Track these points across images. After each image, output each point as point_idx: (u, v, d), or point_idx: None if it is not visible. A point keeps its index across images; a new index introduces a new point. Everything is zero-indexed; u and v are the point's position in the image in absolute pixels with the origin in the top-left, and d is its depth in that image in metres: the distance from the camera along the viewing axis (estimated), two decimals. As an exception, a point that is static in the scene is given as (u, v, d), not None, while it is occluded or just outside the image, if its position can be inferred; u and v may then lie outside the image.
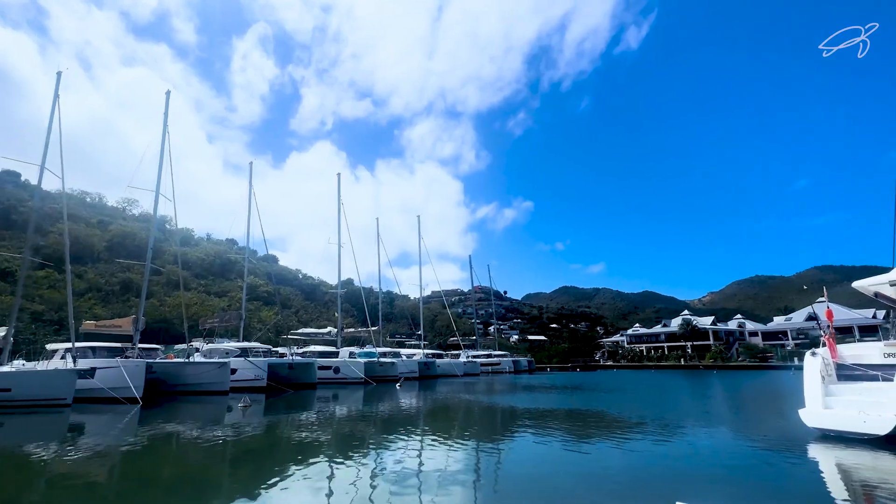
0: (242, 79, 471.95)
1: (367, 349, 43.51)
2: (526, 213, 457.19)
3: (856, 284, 10.78)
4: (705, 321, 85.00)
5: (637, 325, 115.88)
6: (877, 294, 11.39)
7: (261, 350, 30.56)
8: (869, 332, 67.85)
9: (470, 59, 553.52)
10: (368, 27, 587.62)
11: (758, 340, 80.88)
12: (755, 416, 16.54)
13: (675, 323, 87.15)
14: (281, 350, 38.44)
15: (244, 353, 28.62)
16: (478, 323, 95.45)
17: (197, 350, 30.41)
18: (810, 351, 11.32)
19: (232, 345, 29.85)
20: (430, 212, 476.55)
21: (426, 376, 46.11)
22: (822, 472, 7.49)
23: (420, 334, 55.46)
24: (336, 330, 43.67)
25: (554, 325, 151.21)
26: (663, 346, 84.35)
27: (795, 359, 61.05)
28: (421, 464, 8.76)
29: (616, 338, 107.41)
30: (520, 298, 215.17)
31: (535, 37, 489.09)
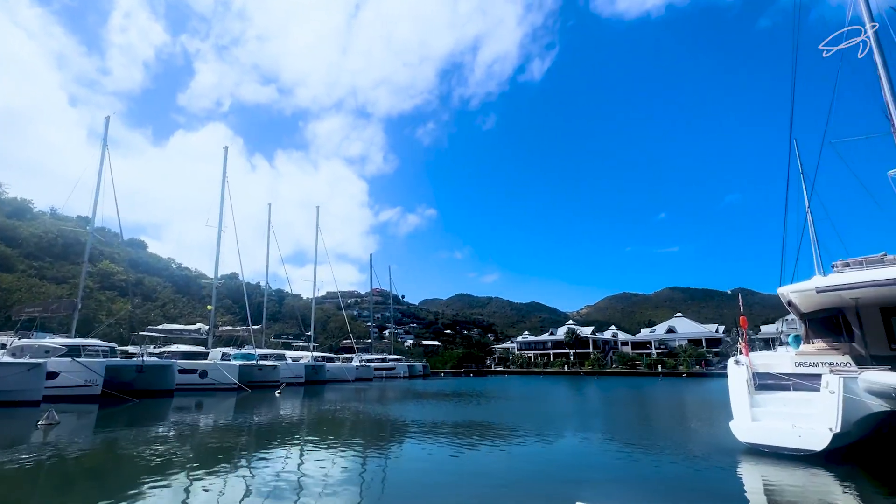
0: (122, 39, 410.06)
1: (246, 350, 38.05)
2: (429, 220, 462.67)
3: (780, 290, 10.60)
4: (586, 331, 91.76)
5: (526, 332, 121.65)
6: (789, 303, 11.40)
7: (100, 349, 24.30)
8: (714, 344, 78.49)
9: (384, 61, 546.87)
10: (278, 10, 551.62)
11: (628, 349, 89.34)
12: (662, 424, 16.49)
13: (561, 332, 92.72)
14: (132, 349, 31.62)
15: (73, 351, 22.37)
16: (373, 326, 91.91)
17: (2, 347, 23.24)
18: (733, 359, 10.90)
19: (56, 341, 23.23)
20: (333, 210, 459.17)
21: (314, 381, 41.88)
22: (724, 472, 7.03)
23: (310, 335, 50.71)
24: (207, 327, 37.47)
25: (448, 331, 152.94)
26: (549, 353, 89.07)
27: (659, 366, 68.17)
28: (298, 476, 7.87)
29: (507, 344, 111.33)
30: (417, 303, 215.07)
31: (448, 52, 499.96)
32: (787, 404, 9.27)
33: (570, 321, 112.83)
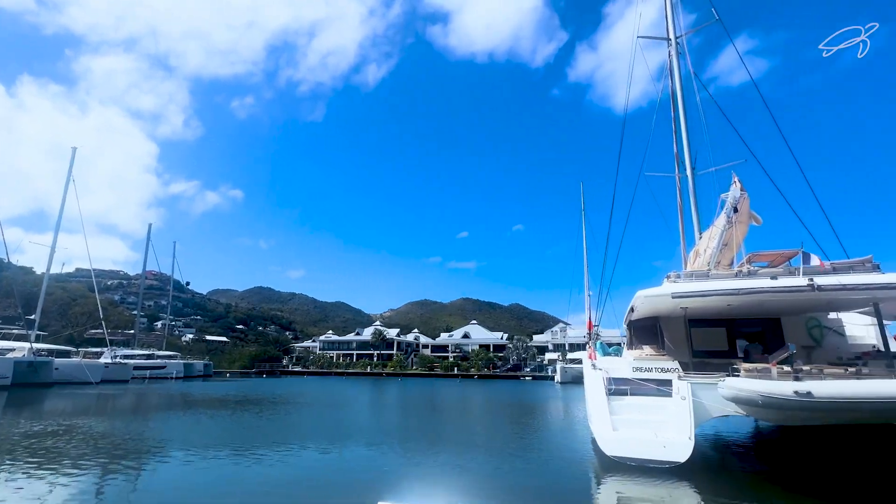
0: None
1: None
2: (233, 202, 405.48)
3: (638, 294, 10.52)
4: (392, 333, 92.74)
5: (330, 332, 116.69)
6: (633, 308, 11.61)
7: None
8: (500, 349, 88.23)
9: (201, 11, 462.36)
10: None
11: (428, 352, 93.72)
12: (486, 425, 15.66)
13: (368, 332, 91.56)
14: None
15: None
16: (142, 315, 73.98)
17: None
18: (590, 363, 10.34)
19: None
20: (102, 167, 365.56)
21: (30, 384, 30.02)
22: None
23: (33, 320, 36.74)
24: None
25: (241, 327, 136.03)
26: (353, 354, 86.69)
27: (455, 368, 72.87)
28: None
29: (308, 343, 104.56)
30: (205, 293, 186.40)
31: (282, 27, 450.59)
32: (642, 411, 8.91)
33: (377, 322, 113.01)
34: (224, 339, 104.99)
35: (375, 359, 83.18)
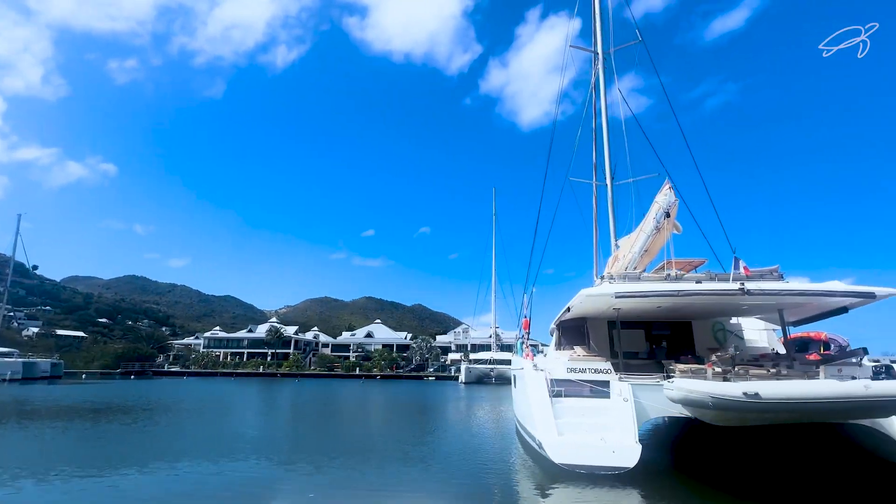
0: None
1: None
2: (103, 176, 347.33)
3: (582, 292, 10.21)
4: (290, 331, 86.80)
5: (216, 328, 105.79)
6: (569, 308, 11.39)
7: None
8: (403, 349, 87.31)
9: None
10: None
11: (328, 351, 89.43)
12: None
13: (262, 329, 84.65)
14: None
15: None
16: (-35, 302, 59.66)
17: None
18: (531, 364, 9.78)
19: None
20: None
21: None
22: None
23: None
24: None
25: (105, 320, 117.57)
26: (244, 353, 79.39)
27: (357, 368, 70.25)
28: None
29: (190, 340, 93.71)
30: (59, 280, 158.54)
31: None
32: (585, 414, 8.55)
33: (273, 319, 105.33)
34: (80, 333, 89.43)
35: (270, 358, 77.04)
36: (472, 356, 61.92)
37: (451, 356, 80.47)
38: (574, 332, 13.32)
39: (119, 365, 64.76)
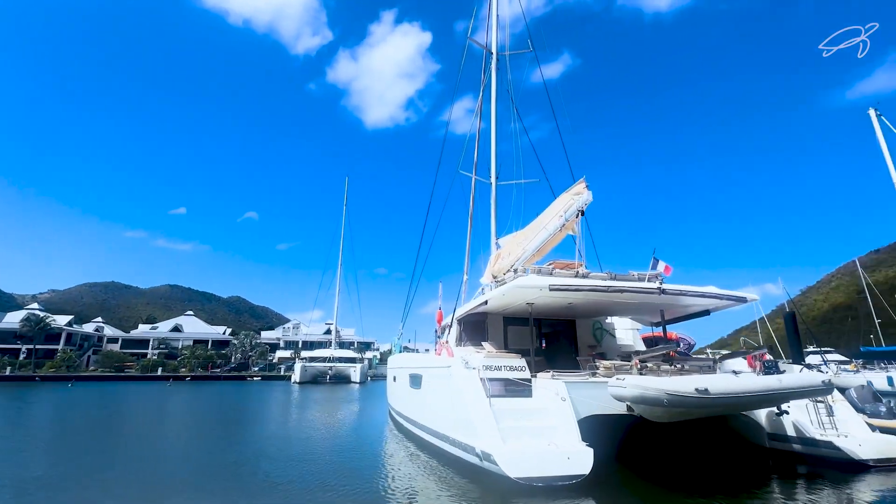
0: None
1: None
2: None
3: (516, 282, 9.31)
4: (61, 321, 67.41)
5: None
6: (486, 301, 10.52)
7: None
8: (221, 346, 76.69)
9: None
10: None
11: (117, 347, 72.58)
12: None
13: (15, 318, 63.84)
14: None
15: None
16: None
17: None
18: (461, 361, 8.49)
19: None
20: None
21: None
22: None
23: None
24: None
25: None
26: (-20, 349, 58.51)
27: (160, 369, 58.25)
28: None
29: None
30: None
31: None
32: (525, 417, 7.68)
33: (34, 306, 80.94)
34: None
35: (25, 356, 58.51)
36: (306, 354, 57.41)
37: (280, 354, 73.72)
38: (476, 327, 12.62)
39: None
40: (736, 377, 7.47)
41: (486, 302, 10.38)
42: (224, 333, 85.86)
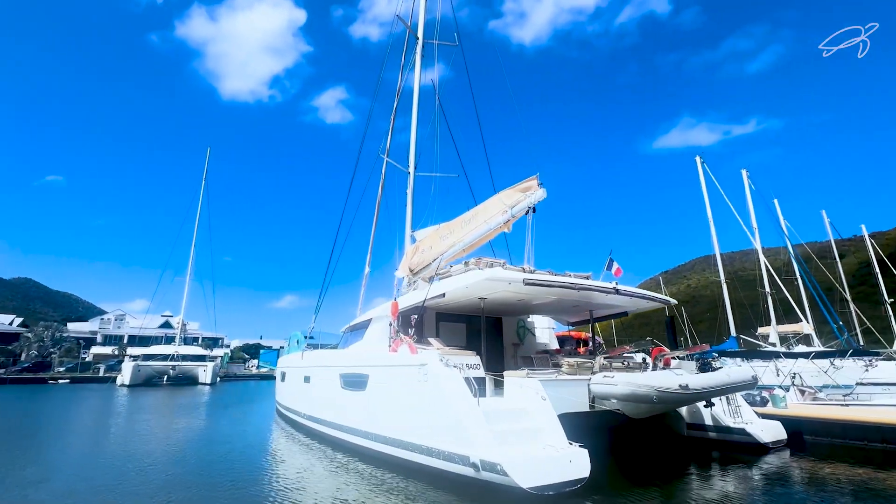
0: None
1: None
2: None
3: (485, 274, 8.53)
4: None
5: None
6: (443, 294, 9.64)
7: None
8: (8, 339, 60.19)
9: None
10: None
11: None
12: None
13: None
14: None
15: None
16: None
17: None
18: (437, 357, 7.48)
19: None
20: None
21: None
22: None
23: None
24: None
25: None
26: None
27: None
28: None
29: None
30: None
31: None
32: (510, 419, 7.08)
33: None
34: None
35: None
36: (136, 351, 47.98)
37: (98, 350, 60.56)
38: (409, 322, 11.60)
39: None
40: (706, 375, 8.04)
41: (443, 294, 9.55)
42: (12, 324, 67.25)
